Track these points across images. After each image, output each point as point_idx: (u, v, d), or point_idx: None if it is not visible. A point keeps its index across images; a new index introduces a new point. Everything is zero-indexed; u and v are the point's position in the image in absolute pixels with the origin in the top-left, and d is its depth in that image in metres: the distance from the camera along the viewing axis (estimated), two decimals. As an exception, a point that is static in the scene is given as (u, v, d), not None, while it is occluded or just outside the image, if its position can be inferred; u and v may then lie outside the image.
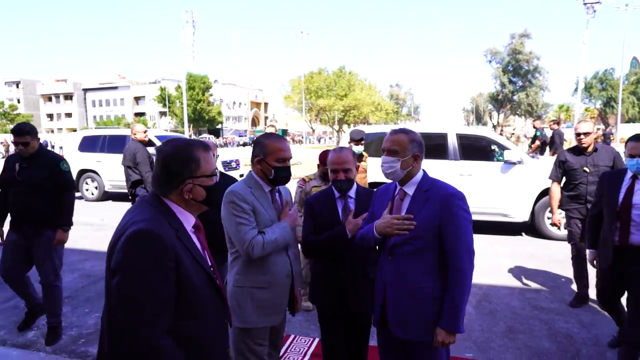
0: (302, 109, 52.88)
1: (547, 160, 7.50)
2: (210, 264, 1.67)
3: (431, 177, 2.13)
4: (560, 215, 4.59)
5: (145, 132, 6.40)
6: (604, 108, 57.37)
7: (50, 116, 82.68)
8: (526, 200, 6.89)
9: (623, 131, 45.43)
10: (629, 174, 2.97)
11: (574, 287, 4.50)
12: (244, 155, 12.94)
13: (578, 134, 4.21)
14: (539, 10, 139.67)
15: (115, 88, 79.96)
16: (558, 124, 13.70)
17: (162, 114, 68.54)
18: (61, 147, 40.56)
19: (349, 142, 5.15)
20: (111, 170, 10.46)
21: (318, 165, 3.78)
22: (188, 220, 1.62)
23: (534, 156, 8.71)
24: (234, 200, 2.18)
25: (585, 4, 30.17)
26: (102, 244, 6.46)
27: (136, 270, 1.40)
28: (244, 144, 58.06)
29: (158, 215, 1.53)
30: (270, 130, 7.00)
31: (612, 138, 31.12)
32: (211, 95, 65.21)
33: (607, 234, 3.03)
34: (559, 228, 5.86)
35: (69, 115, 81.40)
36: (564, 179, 4.46)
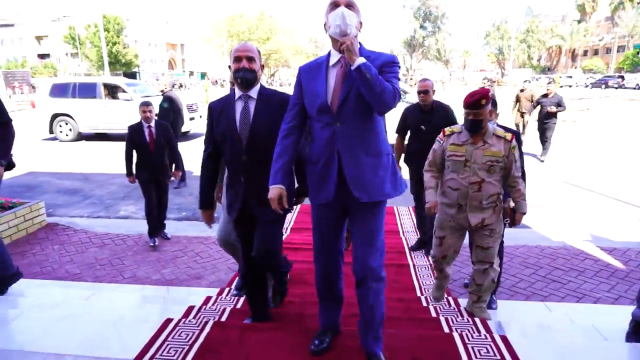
0: (223, 52, 53.00)
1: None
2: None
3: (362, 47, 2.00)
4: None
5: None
6: (497, 55, 63.95)
7: (-64, 58, 73.24)
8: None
9: (514, 76, 51.93)
10: None
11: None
12: (199, 99, 15.15)
13: (419, 92, 4.26)
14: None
15: (11, 25, 72.16)
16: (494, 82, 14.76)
17: (72, 55, 64.08)
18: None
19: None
20: (84, 113, 12.14)
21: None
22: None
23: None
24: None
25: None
26: (110, 167, 8.62)
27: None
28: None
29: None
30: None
31: (498, 83, 32.08)
32: (126, 36, 62.04)
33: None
34: None
35: (-42, 56, 72.73)
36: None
